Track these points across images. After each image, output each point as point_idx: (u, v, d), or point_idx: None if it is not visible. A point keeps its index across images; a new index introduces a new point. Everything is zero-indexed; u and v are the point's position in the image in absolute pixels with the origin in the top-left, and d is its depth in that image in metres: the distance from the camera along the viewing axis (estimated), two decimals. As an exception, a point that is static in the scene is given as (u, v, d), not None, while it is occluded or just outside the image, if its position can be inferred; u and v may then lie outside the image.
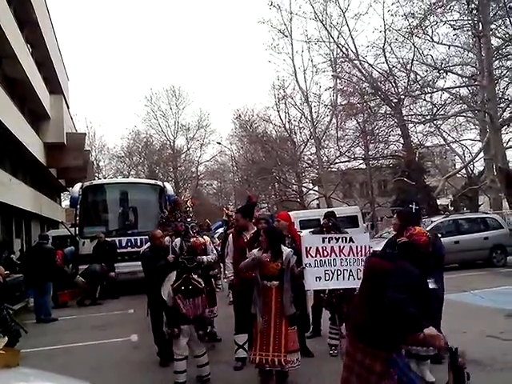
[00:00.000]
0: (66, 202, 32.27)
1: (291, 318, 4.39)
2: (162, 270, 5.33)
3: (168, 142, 41.25)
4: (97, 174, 37.65)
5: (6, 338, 2.69)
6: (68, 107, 26.03)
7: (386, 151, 27.16)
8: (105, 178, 34.72)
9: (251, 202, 5.95)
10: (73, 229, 12.58)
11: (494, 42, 18.30)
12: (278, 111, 30.97)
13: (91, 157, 34.75)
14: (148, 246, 6.09)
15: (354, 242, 5.34)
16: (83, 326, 8.13)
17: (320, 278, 5.20)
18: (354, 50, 23.40)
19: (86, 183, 12.99)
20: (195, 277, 4.69)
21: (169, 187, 13.65)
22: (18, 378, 2.45)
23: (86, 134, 29.21)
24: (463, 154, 25.64)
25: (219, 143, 37.77)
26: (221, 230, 12.84)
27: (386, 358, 2.59)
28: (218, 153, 40.85)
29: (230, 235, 5.68)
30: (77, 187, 12.45)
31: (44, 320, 8.74)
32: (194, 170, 41.92)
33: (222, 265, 7.20)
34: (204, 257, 6.04)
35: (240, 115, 35.04)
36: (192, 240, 5.34)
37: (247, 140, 35.28)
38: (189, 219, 6.96)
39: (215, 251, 6.94)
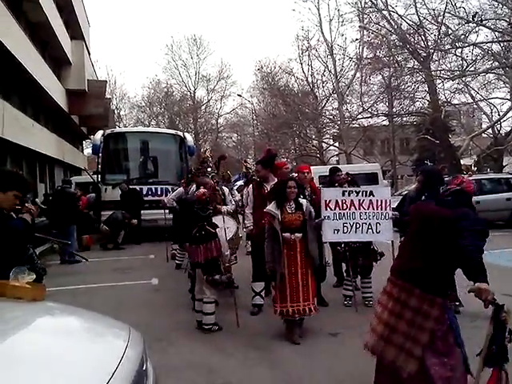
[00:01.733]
0: (87, 150, 32.67)
1: (315, 268, 4.50)
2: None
3: (188, 93, 40.87)
4: (118, 123, 37.79)
5: (34, 275, 2.80)
6: (89, 53, 25.78)
7: (410, 108, 26.40)
8: (126, 127, 34.85)
9: (271, 154, 5.94)
10: (95, 176, 12.81)
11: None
12: (301, 63, 30.11)
13: (112, 105, 34.75)
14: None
15: (374, 196, 5.35)
16: (106, 269, 8.44)
17: (338, 231, 5.28)
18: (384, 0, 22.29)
19: (108, 131, 13.09)
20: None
21: (189, 138, 13.67)
22: (44, 311, 2.55)
23: (106, 81, 29.08)
24: (491, 113, 24.77)
25: (240, 95, 37.22)
26: (240, 183, 12.89)
27: (442, 303, 2.66)
28: (238, 105, 40.41)
29: (250, 186, 5.73)
30: (98, 135, 12.56)
31: (68, 261, 9.09)
32: (214, 122, 41.68)
33: (240, 216, 7.31)
34: (224, 207, 6.15)
35: (262, 67, 34.31)
36: (195, 193, 5.34)
37: (268, 93, 34.64)
38: (209, 169, 6.98)
39: (233, 202, 7.03)
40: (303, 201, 4.62)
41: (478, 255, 2.45)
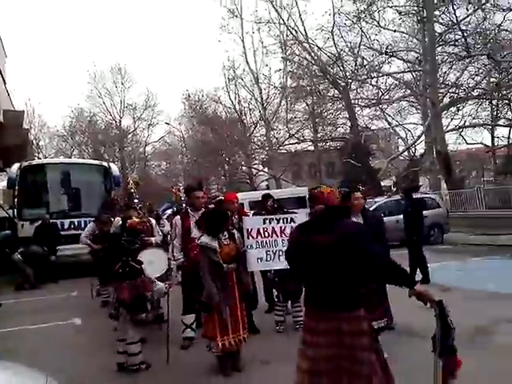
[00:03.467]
0: (3, 184, 30.51)
1: (248, 296, 4.50)
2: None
3: (114, 122, 39.79)
4: (37, 154, 35.80)
5: None
6: (5, 83, 24.35)
7: (333, 134, 27.75)
8: (45, 158, 33.07)
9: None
10: (11, 211, 11.95)
11: (438, 28, 19.01)
12: (228, 92, 30.76)
13: (30, 136, 32.88)
14: None
15: (295, 223, 5.38)
16: (24, 310, 7.78)
17: (261, 259, 5.24)
18: (304, 33, 23.55)
19: (25, 163, 12.39)
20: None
21: (114, 168, 13.24)
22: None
23: (24, 111, 27.52)
24: (406, 137, 26.75)
25: (168, 123, 36.85)
26: (169, 212, 12.63)
27: (365, 315, 2.66)
28: (166, 133, 39.89)
29: (178, 216, 5.60)
30: (15, 167, 11.88)
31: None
32: (142, 150, 40.82)
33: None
34: (152, 238, 6.01)
35: (189, 95, 34.47)
36: (128, 221, 5.12)
37: (196, 121, 34.79)
38: (136, 200, 6.79)
39: (161, 233, 6.87)
40: (233, 230, 4.59)
41: (394, 261, 2.56)
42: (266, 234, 5.26)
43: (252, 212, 7.21)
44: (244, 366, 4.37)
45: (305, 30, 23.59)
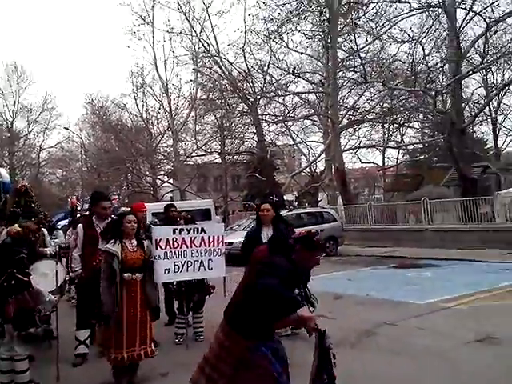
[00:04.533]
0: None
1: (153, 309, 4.30)
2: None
3: (5, 124, 36.52)
4: None
5: None
6: None
7: (241, 147, 28.27)
8: None
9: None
10: None
11: (340, 54, 20.46)
12: (136, 99, 29.94)
13: None
14: None
15: (206, 233, 5.35)
16: None
17: (169, 270, 5.11)
18: (216, 47, 23.88)
19: None
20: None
21: (4, 173, 12.11)
22: None
23: None
24: (308, 154, 28.16)
25: (67, 128, 34.48)
26: (64, 222, 11.87)
27: (247, 346, 2.58)
28: (64, 139, 37.48)
29: (80, 225, 5.28)
30: None
31: None
32: (35, 156, 37.86)
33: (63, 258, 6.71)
34: (47, 249, 5.63)
35: (92, 100, 32.92)
36: (6, 229, 4.72)
37: (99, 127, 33.25)
38: (33, 205, 6.35)
39: (53, 243, 6.46)
40: (145, 241, 4.46)
41: (283, 290, 2.40)
42: (175, 245, 5.13)
43: (155, 221, 7.09)
44: (141, 381, 4.25)
45: (217, 44, 23.98)
